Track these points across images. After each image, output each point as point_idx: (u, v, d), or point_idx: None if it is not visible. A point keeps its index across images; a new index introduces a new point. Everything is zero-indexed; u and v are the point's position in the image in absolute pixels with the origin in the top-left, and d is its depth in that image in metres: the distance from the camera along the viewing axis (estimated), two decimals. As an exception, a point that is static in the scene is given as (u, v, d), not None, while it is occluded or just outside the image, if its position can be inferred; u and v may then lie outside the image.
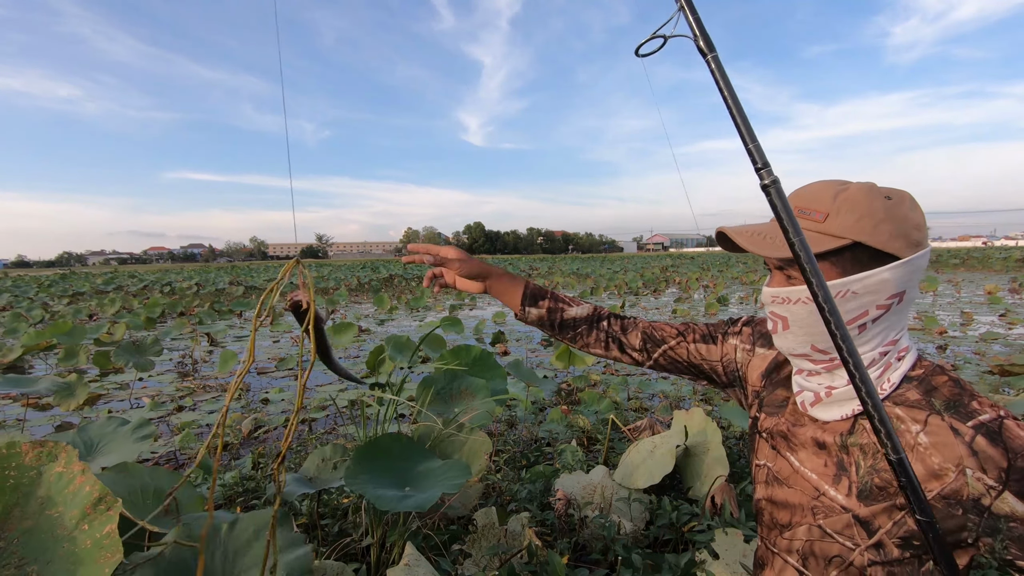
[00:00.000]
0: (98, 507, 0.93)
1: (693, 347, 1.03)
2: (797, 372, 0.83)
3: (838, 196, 0.72)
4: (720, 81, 0.58)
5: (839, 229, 0.71)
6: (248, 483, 2.70)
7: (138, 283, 26.06)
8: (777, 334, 0.80)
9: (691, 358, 1.03)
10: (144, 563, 1.06)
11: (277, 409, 4.89)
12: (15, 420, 4.57)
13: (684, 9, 0.60)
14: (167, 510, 1.55)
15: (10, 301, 17.28)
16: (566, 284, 19.86)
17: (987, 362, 5.71)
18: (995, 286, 13.78)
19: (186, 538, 1.14)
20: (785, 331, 0.78)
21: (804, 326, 0.75)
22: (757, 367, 0.95)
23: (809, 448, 0.81)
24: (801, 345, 0.77)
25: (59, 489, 0.95)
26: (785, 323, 0.78)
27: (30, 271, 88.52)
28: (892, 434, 0.57)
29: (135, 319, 11.01)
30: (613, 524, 1.87)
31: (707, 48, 0.59)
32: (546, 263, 46.56)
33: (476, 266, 1.06)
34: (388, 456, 1.72)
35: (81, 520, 0.92)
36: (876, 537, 0.72)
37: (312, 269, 38.77)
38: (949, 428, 0.68)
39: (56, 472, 0.97)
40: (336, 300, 15.42)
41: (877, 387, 0.74)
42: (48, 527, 0.92)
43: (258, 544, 1.17)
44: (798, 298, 0.74)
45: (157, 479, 1.58)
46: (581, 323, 1.07)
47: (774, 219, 0.62)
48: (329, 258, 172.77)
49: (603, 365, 6.36)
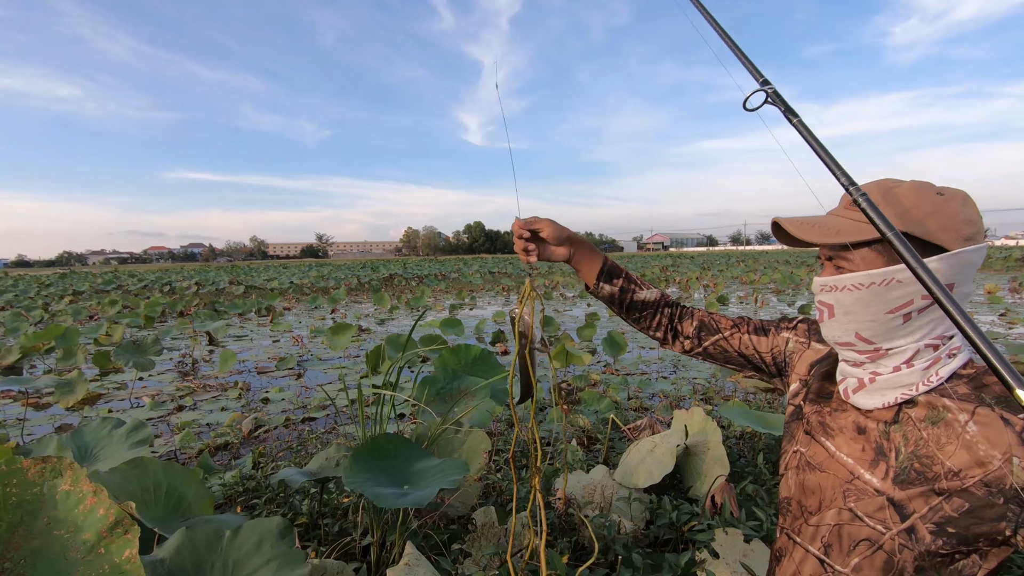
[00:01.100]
0: (115, 530, 0.90)
1: (746, 337, 1.07)
2: (843, 360, 0.85)
3: (890, 191, 0.75)
4: (810, 140, 0.72)
5: (888, 219, 0.72)
6: (248, 482, 2.70)
7: (138, 283, 26.06)
8: (824, 322, 0.81)
9: (742, 348, 1.07)
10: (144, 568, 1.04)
11: (277, 409, 4.89)
12: (15, 420, 4.57)
13: (767, 92, 0.78)
14: (176, 509, 1.55)
15: (10, 301, 17.28)
16: (567, 283, 19.87)
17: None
18: (995, 286, 13.77)
19: (191, 543, 1.12)
20: (831, 319, 0.80)
21: (849, 313, 0.77)
22: (809, 358, 0.98)
23: (848, 433, 0.82)
24: (846, 333, 0.78)
25: (68, 508, 0.92)
26: (831, 311, 0.79)
27: (30, 271, 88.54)
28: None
29: (135, 319, 11.02)
30: (613, 523, 1.87)
31: (791, 114, 0.75)
32: (546, 263, 46.50)
33: (564, 231, 1.09)
34: (386, 455, 1.72)
35: (97, 543, 0.89)
36: (909, 521, 0.72)
37: (312, 269, 38.22)
38: (999, 418, 0.68)
39: (63, 490, 0.94)
40: (336, 299, 15.43)
41: (923, 379, 0.75)
42: (59, 548, 0.89)
43: (259, 555, 1.15)
44: (844, 286, 0.76)
45: (172, 476, 1.57)
46: (648, 307, 1.12)
47: (831, 212, 0.75)
48: (329, 258, 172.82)
49: (603, 365, 6.36)
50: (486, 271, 31.38)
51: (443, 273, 30.13)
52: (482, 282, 22.56)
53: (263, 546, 1.15)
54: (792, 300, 13.39)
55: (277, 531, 1.18)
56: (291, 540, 1.18)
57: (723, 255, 68.65)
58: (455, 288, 19.50)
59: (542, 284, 20.03)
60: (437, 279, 24.99)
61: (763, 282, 19.06)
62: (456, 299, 15.28)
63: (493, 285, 21.24)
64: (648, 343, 7.84)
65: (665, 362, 6.55)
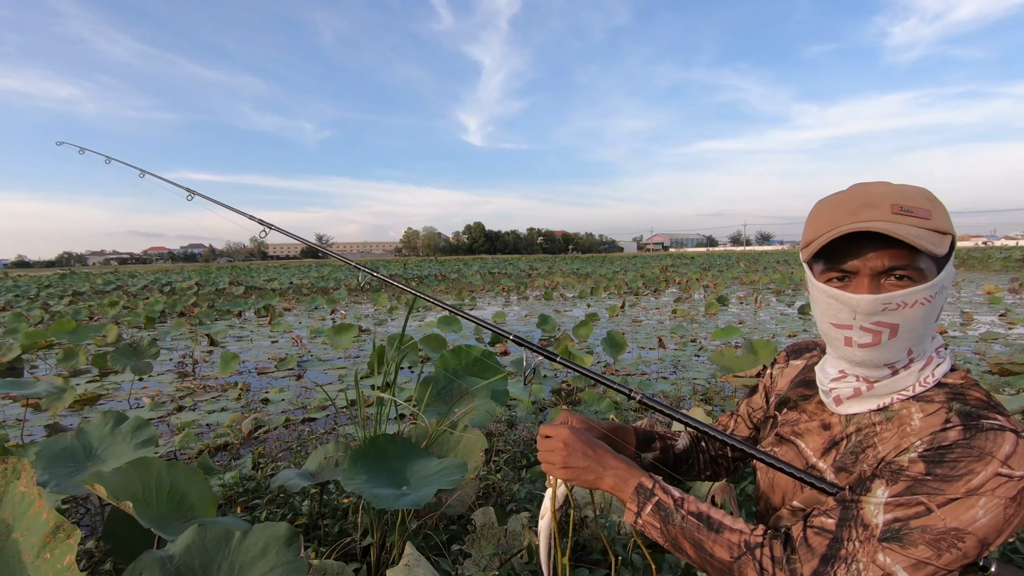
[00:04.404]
0: (57, 535, 0.88)
1: (744, 408, 1.08)
2: (846, 371, 0.79)
3: (924, 194, 0.73)
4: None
5: (943, 225, 0.71)
6: (248, 483, 2.70)
7: (138, 283, 26.06)
8: (879, 346, 0.72)
9: (752, 419, 1.07)
10: (152, 564, 1.04)
11: (277, 409, 4.89)
12: (15, 420, 4.57)
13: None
14: (178, 509, 1.54)
15: (10, 301, 17.28)
16: (566, 284, 19.86)
17: (987, 362, 5.71)
18: (995, 286, 13.77)
19: (200, 542, 1.12)
20: (891, 339, 0.71)
21: (914, 328, 0.71)
22: (788, 375, 0.99)
23: (815, 431, 0.83)
24: (900, 352, 0.73)
25: (22, 512, 0.90)
26: (894, 331, 0.71)
27: (30, 271, 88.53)
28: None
29: (135, 318, 11.02)
30: (613, 524, 1.87)
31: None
32: (546, 263, 46.57)
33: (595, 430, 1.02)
34: (385, 456, 1.72)
35: (42, 549, 0.87)
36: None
37: (312, 269, 38.30)
38: (944, 418, 0.69)
39: (19, 492, 0.92)
40: (336, 300, 15.42)
41: (918, 380, 0.75)
42: (14, 553, 0.87)
43: (265, 560, 1.14)
44: (916, 300, 0.69)
45: (174, 475, 1.56)
46: (689, 455, 1.09)
47: (869, 219, 0.70)
48: (329, 258, 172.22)
49: (603, 364, 6.37)
50: (486, 271, 31.38)
51: (443, 273, 30.13)
52: (482, 282, 22.55)
53: (269, 552, 1.15)
54: (791, 300, 13.38)
55: (284, 537, 1.18)
56: (297, 548, 1.17)
57: (723, 255, 68.67)
58: (455, 288, 19.50)
59: (542, 284, 20.02)
60: (437, 279, 24.99)
61: (763, 282, 19.06)
62: (456, 299, 15.28)
63: (493, 285, 21.24)
64: (648, 343, 7.84)
65: (665, 362, 6.55)
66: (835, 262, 0.74)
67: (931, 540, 0.61)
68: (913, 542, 0.62)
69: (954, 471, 0.63)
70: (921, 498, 0.63)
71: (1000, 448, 0.62)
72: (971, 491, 0.61)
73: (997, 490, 0.61)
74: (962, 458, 0.63)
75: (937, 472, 0.63)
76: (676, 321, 10.07)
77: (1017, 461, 0.62)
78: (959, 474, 0.62)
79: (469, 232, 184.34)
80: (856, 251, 0.71)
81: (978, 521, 0.61)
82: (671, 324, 9.67)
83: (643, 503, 0.79)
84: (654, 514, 0.78)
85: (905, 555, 0.62)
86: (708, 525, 0.74)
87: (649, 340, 8.09)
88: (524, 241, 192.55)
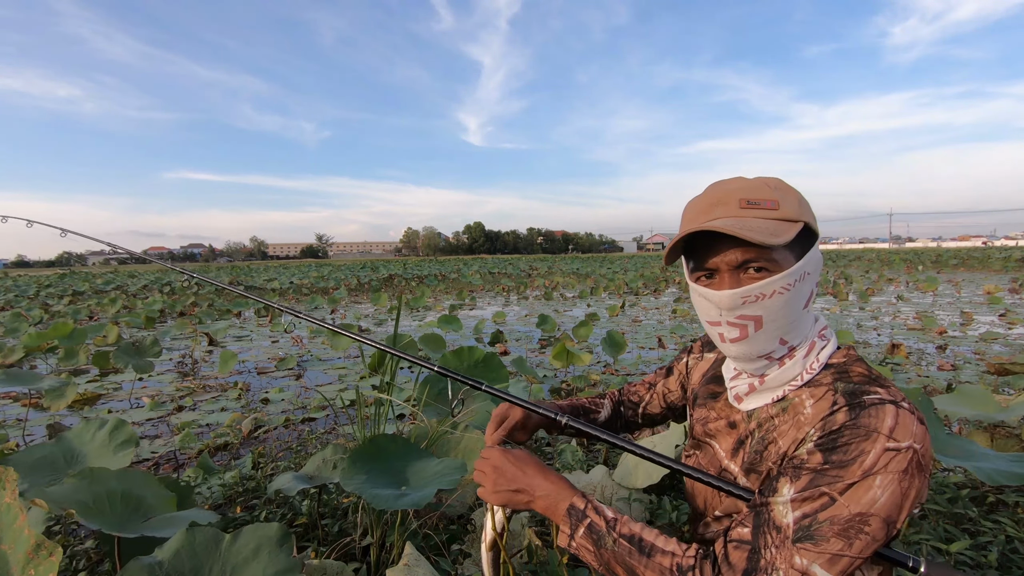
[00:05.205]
0: (39, 552, 0.87)
1: (661, 386, 1.10)
2: (739, 370, 0.82)
3: (771, 184, 0.74)
4: None
5: (791, 213, 0.72)
6: (248, 483, 2.70)
7: (138, 283, 26.06)
8: (747, 339, 0.74)
9: (666, 399, 1.09)
10: (141, 572, 1.03)
11: (277, 409, 4.89)
12: (15, 420, 4.57)
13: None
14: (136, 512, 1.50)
15: (10, 301, 17.28)
16: (566, 284, 19.87)
17: (987, 362, 5.71)
18: (995, 286, 13.77)
19: (190, 546, 1.11)
20: (757, 332, 0.73)
21: (778, 319, 0.72)
22: (701, 369, 0.99)
23: (724, 431, 0.83)
24: (770, 342, 0.74)
25: (8, 523, 0.89)
26: (758, 323, 0.72)
27: (30, 271, 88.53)
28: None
29: (135, 318, 11.02)
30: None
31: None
32: (546, 263, 46.57)
33: (529, 424, 1.08)
34: (384, 456, 1.72)
35: (27, 564, 0.86)
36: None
37: (312, 269, 38.49)
38: (831, 400, 0.70)
39: (5, 503, 0.90)
40: (336, 299, 15.43)
41: (805, 367, 0.75)
42: (3, 564, 0.86)
43: (257, 561, 1.13)
44: (774, 290, 0.71)
45: (126, 483, 1.52)
46: (613, 423, 1.14)
47: (718, 216, 0.73)
48: (329, 258, 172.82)
49: (602, 365, 6.37)
50: (486, 271, 31.38)
51: (443, 273, 30.12)
52: (482, 282, 22.54)
53: (261, 553, 1.14)
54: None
55: (276, 538, 1.17)
56: (289, 548, 1.17)
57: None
58: (455, 288, 19.50)
59: (542, 284, 20.02)
60: (437, 279, 24.98)
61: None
62: (456, 299, 15.28)
63: (493, 285, 21.23)
64: (648, 343, 7.84)
65: (665, 362, 6.55)
66: (700, 261, 0.76)
67: (840, 531, 0.61)
68: (824, 536, 0.61)
69: (847, 455, 0.63)
70: (823, 488, 0.63)
71: (883, 423, 0.63)
72: (867, 472, 0.61)
73: (889, 465, 0.61)
74: (852, 440, 0.63)
75: (833, 459, 0.64)
76: (676, 321, 10.07)
77: (901, 432, 0.62)
78: (852, 457, 0.62)
79: (469, 232, 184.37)
80: (716, 248, 0.73)
81: (878, 501, 0.61)
82: (671, 324, 9.67)
83: (575, 525, 0.76)
84: (587, 536, 0.75)
85: (819, 552, 0.61)
86: (640, 549, 0.71)
87: (649, 340, 8.09)
88: (524, 241, 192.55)
